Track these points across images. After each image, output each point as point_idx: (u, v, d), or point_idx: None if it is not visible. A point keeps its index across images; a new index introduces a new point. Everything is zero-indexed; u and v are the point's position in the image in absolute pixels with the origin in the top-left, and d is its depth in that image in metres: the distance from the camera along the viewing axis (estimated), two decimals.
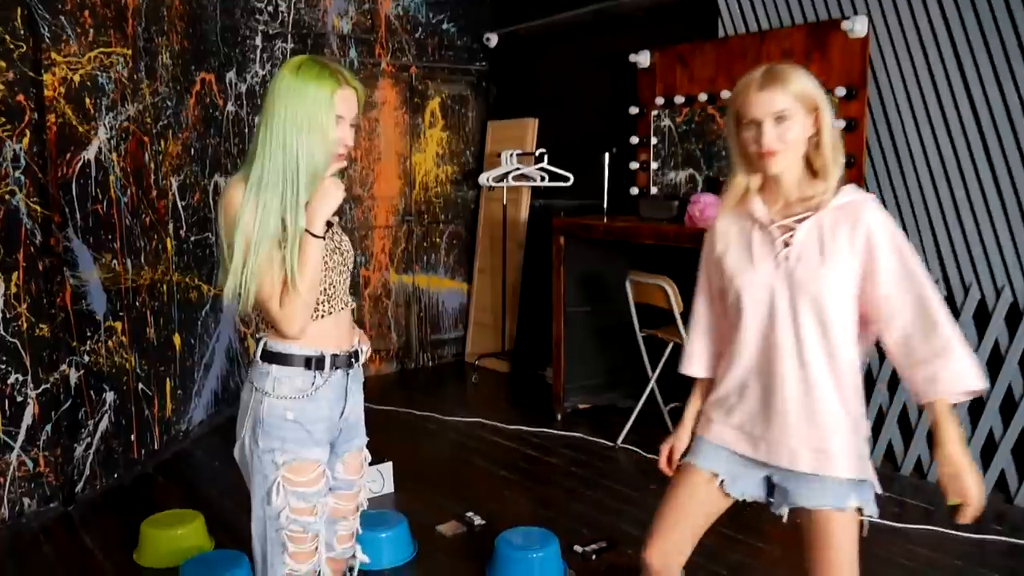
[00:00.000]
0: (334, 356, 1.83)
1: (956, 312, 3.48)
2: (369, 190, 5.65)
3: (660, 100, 4.69)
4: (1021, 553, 3.12)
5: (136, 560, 3.11)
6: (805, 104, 1.71)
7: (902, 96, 3.72)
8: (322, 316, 1.81)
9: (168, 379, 4.23)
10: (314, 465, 1.80)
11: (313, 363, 1.79)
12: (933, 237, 3.65)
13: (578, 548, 3.16)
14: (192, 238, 4.50)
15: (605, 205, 4.88)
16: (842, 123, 3.86)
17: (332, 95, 1.71)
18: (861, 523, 1.78)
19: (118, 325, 3.85)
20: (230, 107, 4.94)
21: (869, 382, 3.68)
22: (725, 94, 4.34)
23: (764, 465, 1.83)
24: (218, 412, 4.78)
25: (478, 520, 3.43)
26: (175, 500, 3.62)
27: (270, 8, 5.13)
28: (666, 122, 4.69)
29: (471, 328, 6.14)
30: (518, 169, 5.41)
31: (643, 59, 4.75)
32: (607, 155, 4.86)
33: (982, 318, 3.52)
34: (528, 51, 5.81)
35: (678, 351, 4.01)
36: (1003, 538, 3.19)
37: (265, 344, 1.80)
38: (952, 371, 1.64)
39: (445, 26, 5.89)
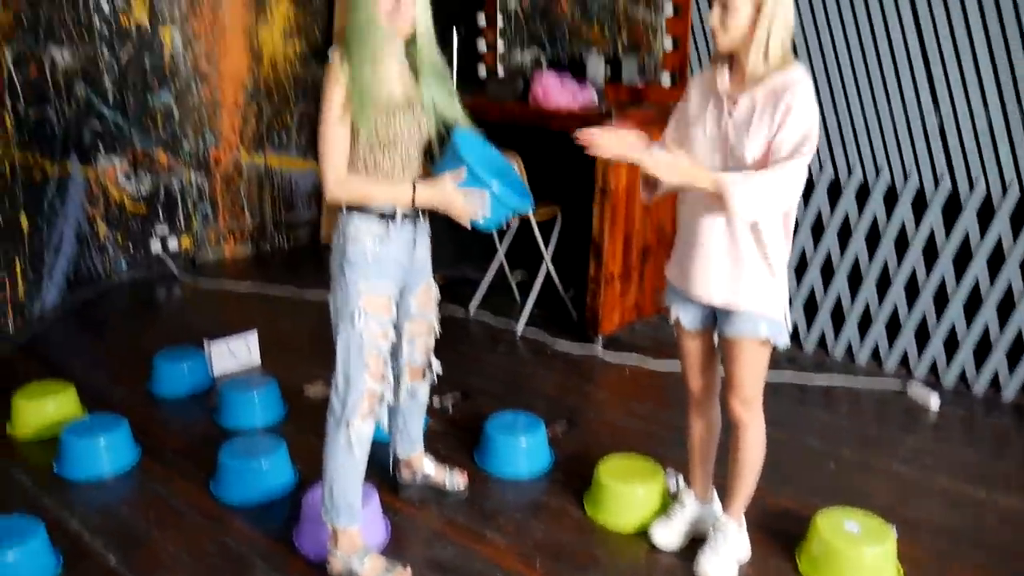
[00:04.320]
0: (404, 211, 2.26)
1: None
2: (215, 66, 5.54)
3: None
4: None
5: (10, 432, 3.22)
6: None
7: None
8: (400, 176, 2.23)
9: (18, 260, 4.18)
10: (386, 297, 2.28)
11: (386, 214, 2.23)
12: None
13: (436, 402, 3.53)
14: (31, 114, 4.35)
15: (454, 84, 5.05)
16: (670, 9, 4.20)
17: None
18: (772, 351, 2.24)
19: None
20: None
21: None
22: None
23: (696, 300, 2.25)
24: (73, 295, 4.75)
25: None
26: (39, 377, 3.67)
27: None
28: (512, 4, 4.87)
29: (325, 209, 6.25)
30: None
31: None
32: (455, 34, 4.99)
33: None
34: None
35: (525, 225, 4.36)
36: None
37: None
38: (738, 193, 1.98)
39: None
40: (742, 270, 2.15)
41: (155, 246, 5.43)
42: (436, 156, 2.37)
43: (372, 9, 2.07)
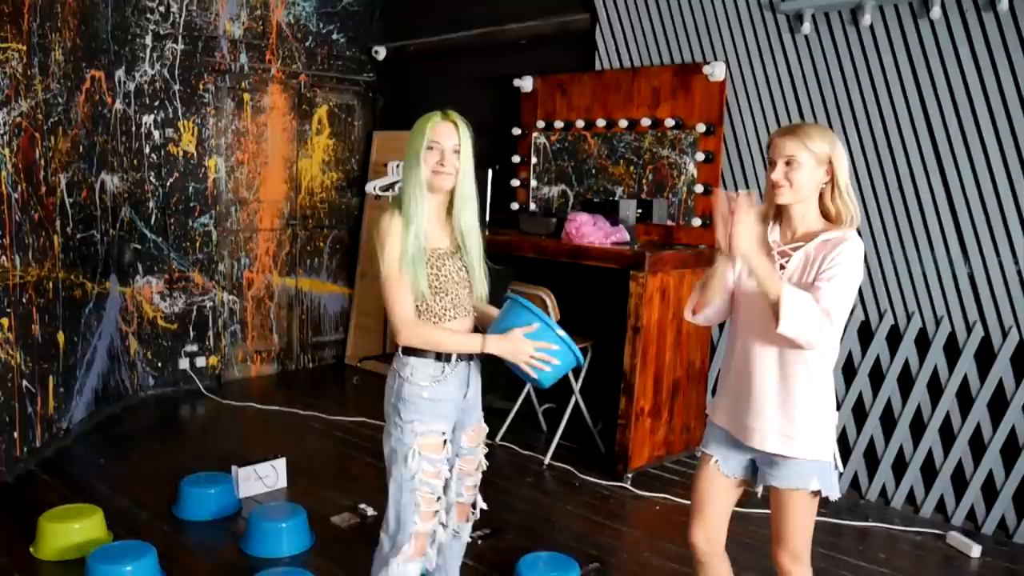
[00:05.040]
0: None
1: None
2: (255, 193, 5.74)
3: (541, 123, 5.08)
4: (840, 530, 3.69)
5: (34, 553, 3.16)
6: (816, 156, 2.06)
7: (752, 134, 4.26)
8: (451, 320, 2.26)
9: (51, 376, 4.22)
10: (440, 436, 2.27)
11: (442, 356, 2.25)
12: None
13: None
14: (78, 235, 4.50)
15: (487, 219, 5.21)
16: (701, 156, 4.37)
17: (426, 126, 2.22)
18: (820, 502, 2.20)
19: (4, 321, 3.83)
20: (118, 105, 4.94)
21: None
22: (601, 122, 4.77)
23: (745, 447, 2.23)
24: (99, 410, 4.77)
25: (371, 512, 3.67)
26: (64, 496, 3.65)
27: (161, 8, 5.15)
28: (542, 140, 5.09)
29: (352, 331, 6.32)
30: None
31: (526, 84, 5.12)
32: (490, 171, 5.18)
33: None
34: (416, 67, 6.07)
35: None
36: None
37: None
38: (789, 298, 1.96)
39: (335, 36, 6.06)
40: (796, 413, 2.15)
41: (183, 363, 5.47)
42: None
43: (421, 168, 2.22)
